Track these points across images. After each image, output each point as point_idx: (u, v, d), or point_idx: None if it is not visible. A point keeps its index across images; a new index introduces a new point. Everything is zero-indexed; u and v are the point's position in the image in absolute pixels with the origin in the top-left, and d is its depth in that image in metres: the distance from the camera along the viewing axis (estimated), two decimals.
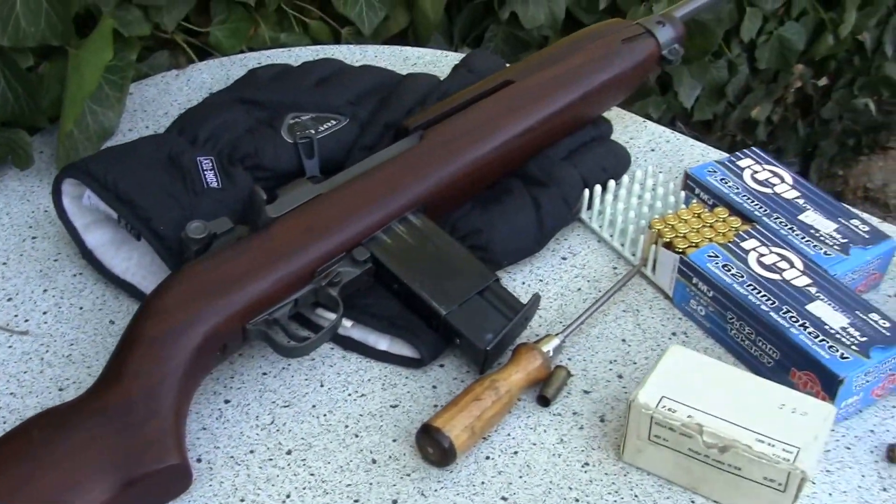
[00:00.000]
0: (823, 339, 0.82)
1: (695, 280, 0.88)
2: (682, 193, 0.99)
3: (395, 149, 0.93)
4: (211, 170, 0.92)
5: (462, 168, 0.92)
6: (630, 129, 1.13)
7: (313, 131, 0.97)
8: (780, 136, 2.52)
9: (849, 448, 0.81)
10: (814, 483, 0.78)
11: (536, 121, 0.98)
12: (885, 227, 0.96)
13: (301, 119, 0.99)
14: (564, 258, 0.96)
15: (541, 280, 0.93)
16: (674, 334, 0.89)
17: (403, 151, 0.92)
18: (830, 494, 0.78)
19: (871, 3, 2.41)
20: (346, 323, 0.86)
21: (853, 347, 0.81)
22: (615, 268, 0.95)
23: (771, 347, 0.84)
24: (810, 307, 0.85)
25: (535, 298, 0.86)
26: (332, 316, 0.84)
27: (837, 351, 0.81)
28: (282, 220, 0.84)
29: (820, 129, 2.63)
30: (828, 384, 0.80)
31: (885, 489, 0.79)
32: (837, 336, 0.82)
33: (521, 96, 0.99)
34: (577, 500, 0.76)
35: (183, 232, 0.81)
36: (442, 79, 1.09)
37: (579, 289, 0.93)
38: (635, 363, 0.86)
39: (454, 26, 1.60)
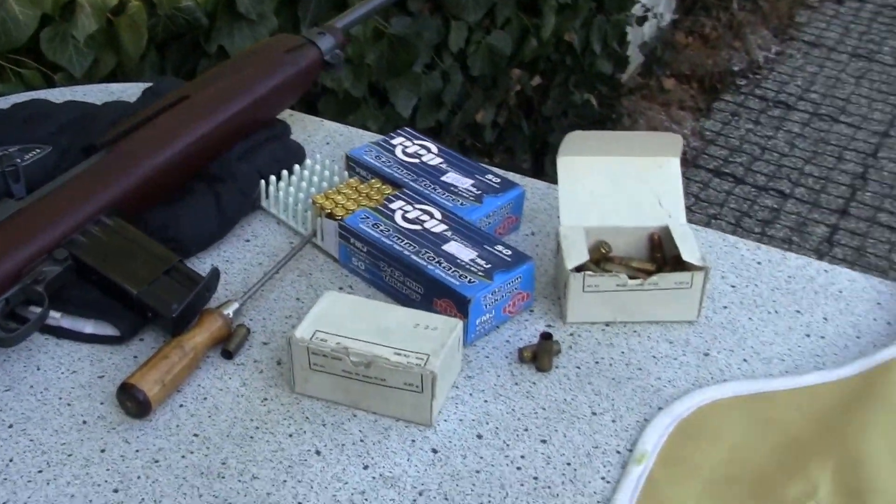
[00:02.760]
0: (455, 271, 0.98)
1: (352, 240, 1.04)
2: (346, 173, 1.15)
3: (85, 164, 1.06)
4: None
5: (144, 174, 1.06)
6: (308, 128, 1.29)
7: (19, 160, 1.09)
8: (507, 137, 2.73)
9: (488, 357, 0.98)
10: (457, 387, 0.95)
11: (211, 128, 1.12)
12: (514, 176, 1.14)
13: (8, 151, 1.11)
14: (248, 240, 1.11)
15: (227, 261, 1.08)
16: (340, 288, 1.05)
17: (91, 165, 1.06)
18: (471, 394, 0.94)
19: (570, 7, 2.64)
20: (56, 314, 0.99)
21: (480, 274, 0.98)
22: (291, 242, 1.10)
23: (416, 284, 1.00)
24: (445, 247, 1.01)
25: (214, 271, 1.01)
26: (39, 310, 0.97)
27: (467, 278, 0.98)
28: None
29: (544, 127, 2.85)
30: (461, 306, 0.97)
31: (516, 383, 0.96)
32: (467, 266, 0.99)
33: (196, 108, 1.13)
34: (257, 428, 0.90)
35: None
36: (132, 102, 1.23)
37: (261, 263, 1.08)
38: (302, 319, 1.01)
39: (166, 62, 1.73)
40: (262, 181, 1.14)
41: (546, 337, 0.97)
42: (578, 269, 1.00)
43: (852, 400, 0.93)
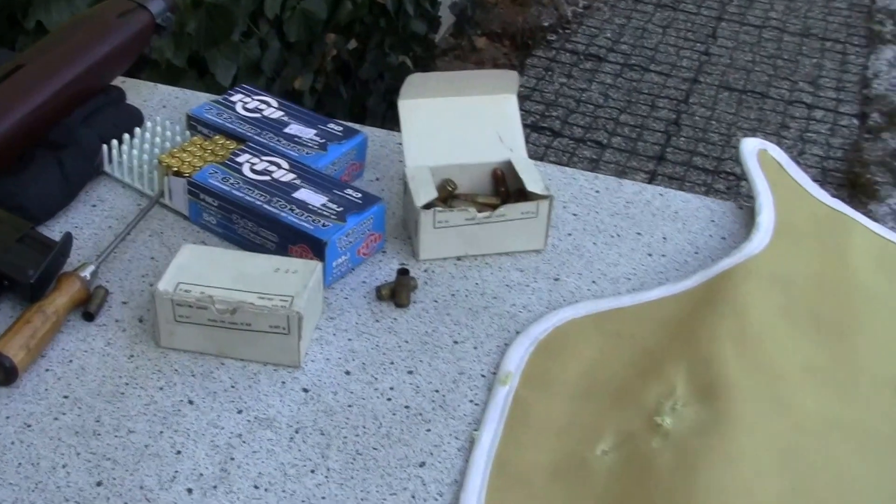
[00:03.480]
0: (308, 216, 1.00)
1: (202, 196, 1.05)
2: (188, 133, 1.16)
3: None
4: None
5: None
6: (143, 93, 1.28)
7: None
8: (327, 103, 2.73)
9: (347, 298, 1.00)
10: (320, 329, 0.97)
11: (48, 95, 1.11)
12: (354, 125, 1.16)
13: None
14: (94, 205, 1.10)
15: (76, 227, 1.07)
16: (194, 244, 1.05)
17: None
18: (335, 334, 0.96)
19: None
20: None
21: (332, 217, 1.00)
22: (139, 204, 1.11)
23: (270, 233, 1.01)
24: (295, 195, 1.03)
25: (67, 235, 1.00)
26: None
27: (320, 222, 1.00)
28: None
29: (362, 91, 2.87)
30: (317, 249, 0.99)
31: (377, 320, 0.98)
32: (319, 211, 1.01)
33: (32, 76, 1.12)
34: (127, 384, 0.91)
35: None
36: None
37: (110, 227, 1.08)
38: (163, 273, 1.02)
39: None
40: (104, 146, 1.13)
41: (403, 272, 1.00)
42: (427, 206, 1.03)
43: (696, 307, 0.98)
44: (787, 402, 0.89)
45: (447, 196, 1.07)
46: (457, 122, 1.09)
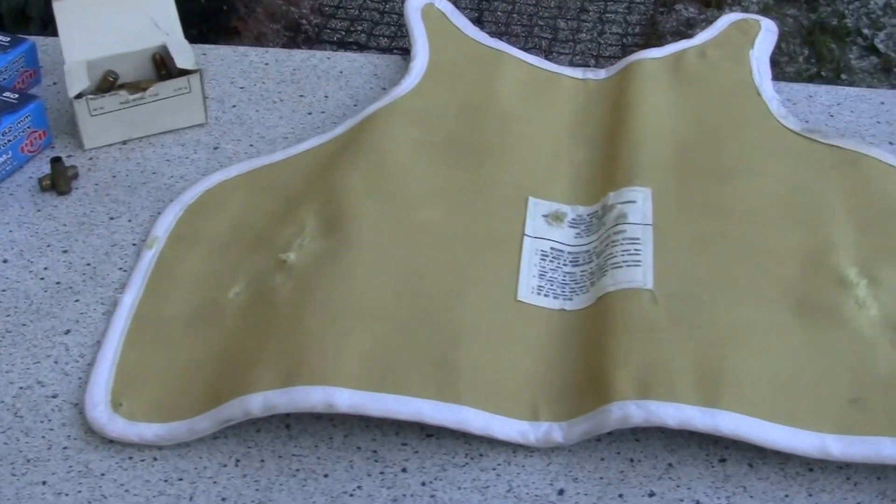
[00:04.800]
0: None
1: None
2: None
3: None
4: None
5: None
6: None
7: None
8: None
9: (12, 194, 1.04)
10: None
11: None
12: (21, 36, 1.19)
13: None
14: None
15: None
16: None
17: None
18: None
19: None
20: None
21: None
22: None
23: None
24: None
25: None
26: None
27: None
28: None
29: None
30: None
31: (39, 209, 1.02)
32: None
33: None
34: None
35: None
36: None
37: None
38: None
39: None
40: None
41: (55, 161, 1.03)
42: (80, 96, 1.06)
43: (338, 150, 1.03)
44: (409, 221, 0.94)
45: (109, 86, 1.10)
46: (112, 15, 1.12)
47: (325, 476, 0.79)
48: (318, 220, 0.94)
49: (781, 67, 2.99)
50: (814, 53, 3.10)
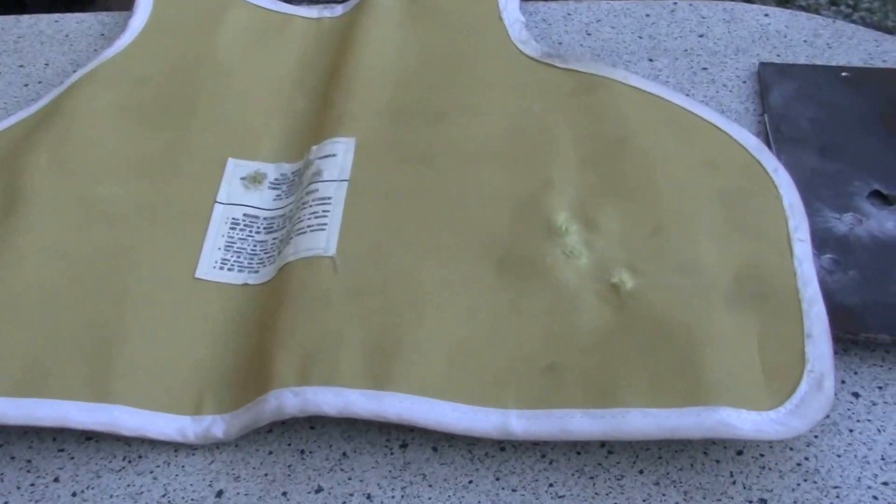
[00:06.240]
0: None
1: None
2: None
3: None
4: None
5: None
6: None
7: None
8: None
9: None
10: None
11: None
12: None
13: None
14: None
15: None
16: None
17: None
18: None
19: None
20: None
21: None
22: None
23: None
24: None
25: None
26: None
27: None
28: None
29: None
30: None
31: None
32: None
33: None
34: None
35: None
36: None
37: None
38: None
39: None
40: None
41: None
42: None
43: (36, 124, 0.94)
44: (90, 197, 0.86)
45: None
46: None
47: None
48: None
49: None
50: None
